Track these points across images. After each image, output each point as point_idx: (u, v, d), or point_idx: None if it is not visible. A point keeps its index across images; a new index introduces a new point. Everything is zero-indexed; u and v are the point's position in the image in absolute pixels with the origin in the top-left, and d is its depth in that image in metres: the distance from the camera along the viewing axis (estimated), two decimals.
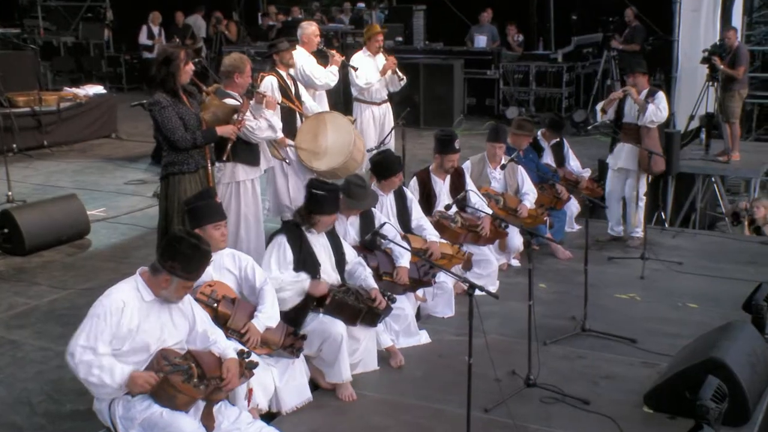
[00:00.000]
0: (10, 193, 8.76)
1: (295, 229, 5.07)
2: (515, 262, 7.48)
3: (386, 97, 8.89)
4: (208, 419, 4.08)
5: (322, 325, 5.00)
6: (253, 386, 4.47)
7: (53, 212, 7.49)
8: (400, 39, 14.96)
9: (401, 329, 5.74)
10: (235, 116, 5.64)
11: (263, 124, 6.05)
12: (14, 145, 11.23)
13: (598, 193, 8.46)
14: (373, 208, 5.95)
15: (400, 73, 8.64)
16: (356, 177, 5.77)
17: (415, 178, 6.84)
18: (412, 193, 6.60)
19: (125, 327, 3.89)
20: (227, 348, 4.19)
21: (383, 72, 8.63)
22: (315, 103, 7.61)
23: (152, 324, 4.00)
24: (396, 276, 5.69)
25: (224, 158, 5.74)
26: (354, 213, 5.68)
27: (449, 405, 4.77)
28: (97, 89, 13.45)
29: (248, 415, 4.25)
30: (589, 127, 10.92)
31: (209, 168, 5.56)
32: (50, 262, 7.18)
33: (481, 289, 4.35)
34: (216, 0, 19.54)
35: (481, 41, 14.73)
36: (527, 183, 7.56)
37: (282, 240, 5.00)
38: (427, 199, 6.76)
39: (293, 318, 4.98)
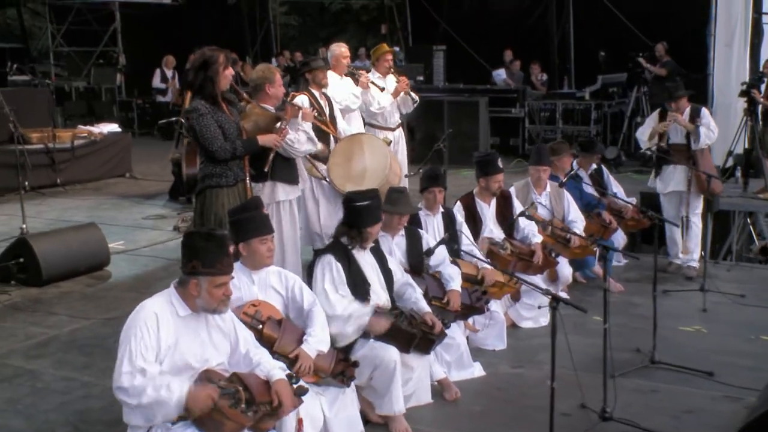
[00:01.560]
0: (24, 226, 8.38)
1: (340, 248, 4.69)
2: (563, 295, 6.95)
3: (399, 121, 8.46)
4: None
5: (374, 351, 4.58)
6: (302, 417, 4.01)
7: (71, 241, 7.08)
8: (420, 78, 14.72)
9: (453, 360, 5.33)
10: (278, 125, 5.27)
11: (302, 136, 5.71)
12: (26, 183, 10.85)
13: (644, 224, 8.02)
14: (420, 230, 5.62)
15: (413, 94, 8.24)
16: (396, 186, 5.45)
17: (458, 203, 6.44)
18: None
19: (164, 342, 3.52)
20: (273, 368, 3.78)
21: (395, 94, 8.07)
22: (348, 126, 7.24)
23: (191, 341, 3.61)
24: (446, 301, 5.27)
25: (265, 169, 5.35)
26: (397, 229, 5.30)
27: None
28: (112, 127, 13.16)
29: None
30: (640, 151, 10.55)
31: (248, 182, 5.15)
32: (68, 293, 6.77)
33: (566, 302, 3.91)
34: (231, 42, 19.40)
35: (500, 74, 14.54)
36: (574, 210, 7.18)
37: (331, 259, 4.61)
38: (473, 225, 6.34)
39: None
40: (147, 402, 3.36)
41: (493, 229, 6.44)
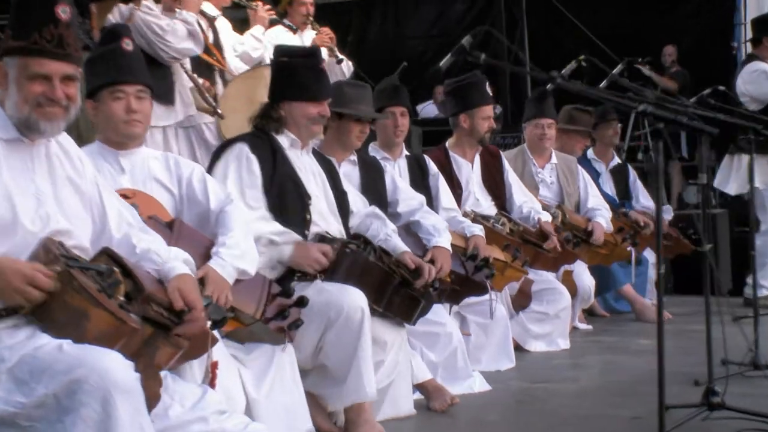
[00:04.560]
0: None
1: (261, 137, 4.37)
2: (582, 325, 6.81)
3: None
4: (150, 382, 2.89)
5: (324, 295, 4.04)
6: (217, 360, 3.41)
7: None
8: None
9: (442, 361, 4.94)
10: None
11: (180, 28, 5.39)
12: None
13: (686, 247, 7.73)
14: (383, 161, 5.42)
15: (338, 54, 7.80)
16: None
17: (426, 158, 6.03)
18: None
19: None
20: (170, 260, 3.20)
21: None
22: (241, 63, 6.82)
23: (19, 185, 3.02)
24: (430, 260, 4.76)
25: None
26: (351, 146, 5.04)
27: None
28: None
29: (216, 397, 3.21)
30: None
31: None
32: None
33: None
34: None
35: (429, 110, 14.54)
36: (595, 194, 6.95)
37: (242, 150, 4.28)
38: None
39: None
40: None
41: (479, 199, 6.13)
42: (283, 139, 4.32)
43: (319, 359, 4.06)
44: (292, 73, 4.33)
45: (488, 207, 6.12)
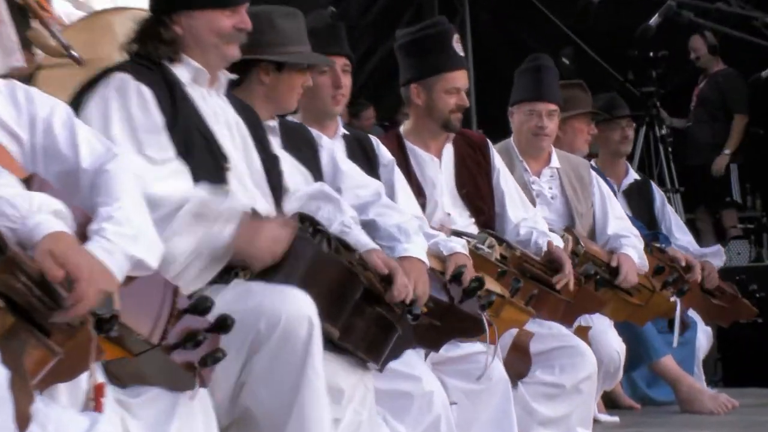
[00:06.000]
0: None
1: (146, 65, 4.46)
2: (604, 416, 6.98)
3: None
4: (17, 396, 2.90)
5: (250, 299, 4.09)
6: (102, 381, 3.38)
7: None
8: None
9: None
10: None
11: None
12: None
13: (748, 311, 7.96)
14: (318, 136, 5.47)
15: None
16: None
17: (374, 140, 6.13)
18: None
19: None
20: (33, 214, 3.24)
21: None
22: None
23: None
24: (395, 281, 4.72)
25: None
26: (285, 103, 5.18)
27: None
28: None
29: (110, 429, 3.30)
30: None
31: None
32: None
33: None
34: None
35: None
36: (617, 214, 7.17)
37: (125, 79, 4.32)
38: None
39: None
40: None
41: (451, 213, 6.28)
42: (181, 71, 4.39)
43: (240, 402, 4.06)
44: None
45: (465, 225, 6.18)
